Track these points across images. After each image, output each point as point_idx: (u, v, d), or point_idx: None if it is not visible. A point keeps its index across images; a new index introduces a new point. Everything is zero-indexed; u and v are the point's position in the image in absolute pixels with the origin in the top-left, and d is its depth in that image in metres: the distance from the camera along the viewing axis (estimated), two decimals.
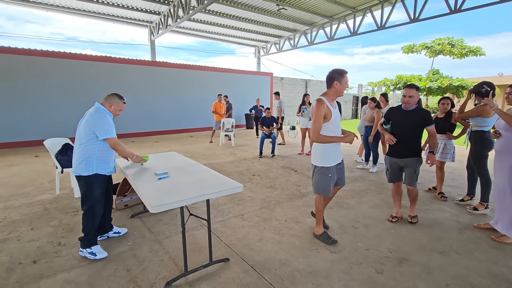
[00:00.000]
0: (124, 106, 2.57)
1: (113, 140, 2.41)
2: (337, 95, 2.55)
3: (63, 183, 4.26)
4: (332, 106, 2.50)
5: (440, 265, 2.27)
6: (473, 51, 17.52)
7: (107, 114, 2.41)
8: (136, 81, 9.99)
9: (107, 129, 2.35)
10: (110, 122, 2.39)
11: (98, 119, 2.34)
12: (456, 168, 5.32)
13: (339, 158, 2.61)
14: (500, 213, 2.67)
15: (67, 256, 2.35)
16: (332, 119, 2.46)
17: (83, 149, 2.35)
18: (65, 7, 9.16)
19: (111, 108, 2.47)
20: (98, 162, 2.37)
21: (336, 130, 2.52)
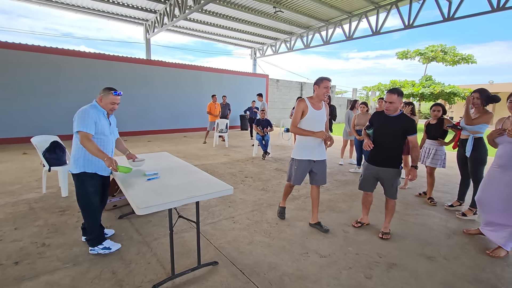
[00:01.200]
0: (116, 98, 2.37)
1: (81, 134, 2.16)
2: (318, 98, 2.82)
3: (50, 182, 4.16)
4: (314, 107, 2.80)
5: (428, 271, 2.28)
6: (465, 59, 17.86)
7: (93, 108, 2.29)
8: (131, 79, 9.88)
9: (81, 122, 2.18)
10: (88, 115, 2.20)
11: (80, 112, 2.24)
12: (447, 174, 5.38)
13: (314, 156, 2.85)
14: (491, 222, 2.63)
15: (51, 258, 2.28)
16: (308, 116, 2.79)
17: (73, 146, 2.32)
18: (59, 2, 9.02)
19: (102, 102, 2.34)
20: (85, 160, 2.29)
21: (312, 127, 2.80)
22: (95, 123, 2.25)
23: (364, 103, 5.31)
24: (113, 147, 2.54)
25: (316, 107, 2.81)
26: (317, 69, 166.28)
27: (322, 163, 2.91)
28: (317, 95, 2.80)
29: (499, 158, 2.57)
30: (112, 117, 2.53)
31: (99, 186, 2.41)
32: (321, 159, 2.88)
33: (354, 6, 9.28)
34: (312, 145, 2.83)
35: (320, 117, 2.83)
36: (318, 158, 2.87)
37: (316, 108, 2.81)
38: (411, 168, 2.67)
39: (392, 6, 8.70)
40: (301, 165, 2.87)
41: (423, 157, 3.94)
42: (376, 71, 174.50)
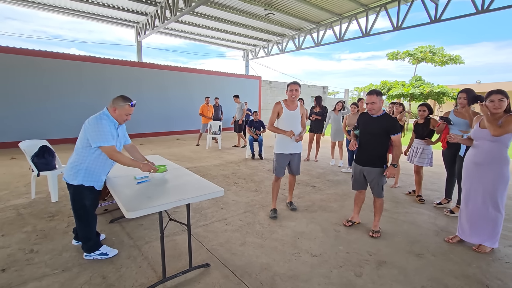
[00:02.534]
0: (132, 110, 2.30)
1: (108, 149, 2.15)
2: (290, 99, 3.21)
3: (40, 187, 4.10)
4: (289, 108, 3.23)
5: (417, 267, 2.32)
6: (453, 59, 18.26)
7: (106, 119, 2.21)
8: (122, 82, 9.79)
9: (101, 136, 2.12)
10: (106, 128, 2.16)
11: (94, 124, 2.15)
12: (435, 172, 5.49)
13: (291, 150, 3.29)
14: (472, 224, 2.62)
15: (39, 264, 2.25)
16: (283, 116, 3.23)
17: (75, 156, 2.24)
18: (47, 5, 8.91)
19: (115, 113, 2.25)
20: (86, 173, 2.22)
21: (287, 125, 3.22)
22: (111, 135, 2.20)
23: (354, 104, 5.39)
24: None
25: (290, 108, 3.24)
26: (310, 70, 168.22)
27: (298, 156, 3.37)
28: (288, 96, 3.22)
29: (474, 156, 2.59)
30: (122, 128, 2.43)
31: (95, 198, 2.38)
32: (296, 152, 3.33)
33: (344, 8, 9.41)
34: (289, 140, 3.25)
35: (295, 116, 3.25)
36: (294, 152, 3.31)
37: (291, 109, 3.24)
38: (390, 166, 2.70)
39: (381, 8, 8.85)
40: (281, 158, 3.31)
41: (411, 156, 4.02)
42: (368, 72, 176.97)
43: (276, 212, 3.34)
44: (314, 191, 4.34)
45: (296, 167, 3.40)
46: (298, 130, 3.28)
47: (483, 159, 2.52)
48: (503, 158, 2.45)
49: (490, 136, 2.43)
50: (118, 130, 2.36)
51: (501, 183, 2.46)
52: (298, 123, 3.29)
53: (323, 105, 6.46)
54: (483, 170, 2.53)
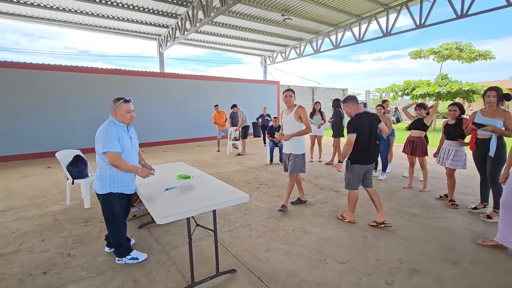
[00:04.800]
0: (129, 106, 2.30)
1: (111, 155, 2.15)
2: (286, 105, 3.66)
3: (73, 194, 4.34)
4: (285, 112, 3.72)
5: (453, 276, 2.19)
6: (482, 55, 17.24)
7: (113, 125, 2.25)
8: (145, 92, 10.21)
9: (105, 142, 2.15)
10: (111, 134, 2.18)
11: (100, 131, 2.22)
12: (468, 175, 5.18)
13: (285, 150, 3.73)
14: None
15: (76, 267, 2.38)
16: (282, 121, 3.81)
17: (98, 166, 2.33)
18: (77, 23, 9.55)
19: (118, 116, 2.29)
20: (111, 180, 2.28)
21: (285, 128, 3.72)
22: (118, 140, 2.23)
23: (380, 105, 5.24)
24: (137, 161, 2.51)
25: (287, 112, 3.69)
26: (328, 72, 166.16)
27: (291, 156, 3.62)
28: (284, 103, 3.65)
29: None
30: (132, 130, 2.50)
31: (125, 205, 2.44)
32: (288, 152, 3.66)
33: (363, 9, 9.24)
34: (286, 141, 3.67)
35: (290, 119, 3.63)
36: (287, 152, 3.69)
37: (287, 113, 3.68)
38: (338, 163, 3.26)
39: (402, 6, 8.60)
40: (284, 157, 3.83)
41: (442, 158, 3.83)
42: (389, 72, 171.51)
43: (285, 207, 3.60)
44: (338, 196, 4.25)
45: (291, 166, 3.63)
46: (294, 131, 3.57)
47: None
48: None
49: None
50: (130, 132, 2.41)
51: None
52: (294, 125, 3.58)
53: (338, 108, 6.34)
54: None
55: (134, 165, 2.37)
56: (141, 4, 8.44)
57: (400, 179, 5.18)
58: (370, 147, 3.08)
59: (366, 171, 3.16)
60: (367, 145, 3.07)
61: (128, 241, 2.59)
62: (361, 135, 3.03)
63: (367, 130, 3.04)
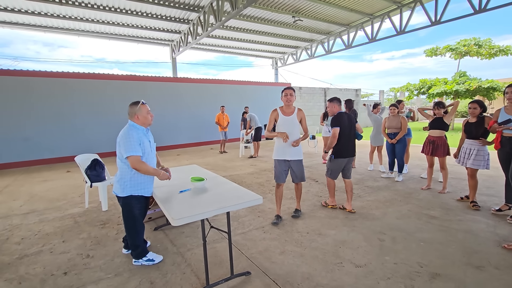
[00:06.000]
0: (146, 108, 2.40)
1: (133, 159, 2.21)
2: (285, 104, 3.26)
3: (91, 197, 4.47)
4: (284, 114, 3.27)
5: (478, 281, 2.09)
6: (503, 51, 16.53)
7: (133, 129, 2.31)
8: (159, 97, 10.43)
9: (127, 146, 2.21)
10: (133, 138, 2.24)
11: (122, 136, 2.27)
12: (491, 176, 4.96)
13: (287, 156, 3.26)
14: None
15: (95, 268, 2.44)
16: (279, 122, 3.29)
17: (119, 169, 2.39)
18: (94, 32, 9.91)
19: (140, 119, 2.35)
20: (132, 183, 2.34)
21: (284, 130, 3.22)
22: (140, 144, 2.28)
23: (394, 105, 5.12)
24: (155, 163, 2.58)
25: (286, 114, 3.27)
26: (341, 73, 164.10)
27: (297, 163, 3.31)
28: (283, 102, 3.26)
29: None
30: (150, 134, 2.55)
31: (143, 207, 2.51)
32: (294, 159, 3.28)
33: (376, 8, 9.10)
34: (286, 146, 3.23)
35: (290, 122, 3.26)
36: (291, 158, 3.26)
37: (287, 114, 3.27)
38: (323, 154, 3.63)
39: (416, 3, 8.40)
40: (278, 165, 3.32)
41: (463, 158, 3.69)
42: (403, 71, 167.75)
43: (279, 218, 3.33)
44: (353, 198, 4.16)
45: (296, 174, 3.33)
46: (296, 136, 3.27)
47: None
48: None
49: None
50: (148, 136, 2.47)
51: None
52: (296, 129, 3.28)
53: (353, 108, 6.23)
54: None
55: (155, 169, 2.43)
56: (154, 11, 8.66)
57: (418, 180, 5.02)
58: (349, 143, 3.53)
59: (347, 163, 3.57)
60: (347, 141, 3.50)
61: (145, 243, 2.64)
62: (343, 130, 3.45)
63: (347, 126, 3.48)
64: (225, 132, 9.21)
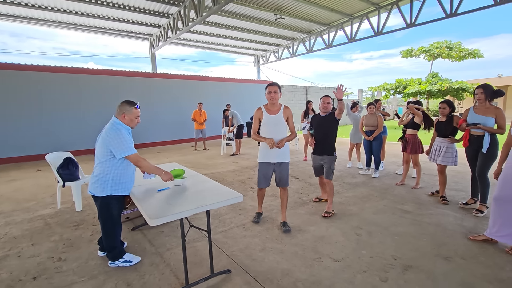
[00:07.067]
0: (139, 112, 2.36)
1: (134, 157, 2.24)
2: (269, 102, 3.01)
3: (64, 197, 4.26)
4: (269, 112, 3.02)
5: (446, 272, 2.22)
6: (471, 54, 17.60)
7: (122, 128, 2.26)
8: (137, 92, 10.09)
9: (124, 146, 2.18)
10: (126, 138, 2.22)
11: (113, 136, 2.19)
12: (459, 171, 5.27)
13: (272, 159, 3.03)
14: (506, 224, 2.48)
15: (67, 272, 2.33)
16: (263, 122, 3.03)
17: (99, 168, 2.28)
18: (67, 23, 9.38)
19: (126, 119, 2.30)
20: (113, 182, 2.27)
21: (269, 130, 3.01)
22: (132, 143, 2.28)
23: (372, 104, 5.29)
24: None
25: (271, 112, 3.02)
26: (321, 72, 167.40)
27: (283, 165, 3.06)
28: (267, 100, 3.02)
29: None
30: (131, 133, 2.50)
31: (121, 208, 2.45)
32: (280, 161, 3.03)
33: (355, 8, 9.32)
34: (268, 149, 3.00)
35: (276, 121, 3.00)
36: (276, 161, 3.02)
37: (272, 113, 3.01)
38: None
39: (393, 6, 8.70)
40: (262, 168, 3.09)
41: (434, 155, 3.88)
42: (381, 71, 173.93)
43: (259, 216, 3.30)
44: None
45: (281, 177, 3.08)
46: (282, 135, 3.02)
47: None
48: None
49: None
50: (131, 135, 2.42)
51: None
52: (282, 128, 3.04)
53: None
54: None
55: (159, 167, 2.38)
56: (132, 4, 8.34)
57: (393, 177, 5.23)
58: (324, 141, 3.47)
59: (325, 163, 3.45)
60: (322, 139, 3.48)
61: (122, 244, 2.56)
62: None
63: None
64: (202, 129, 9.05)
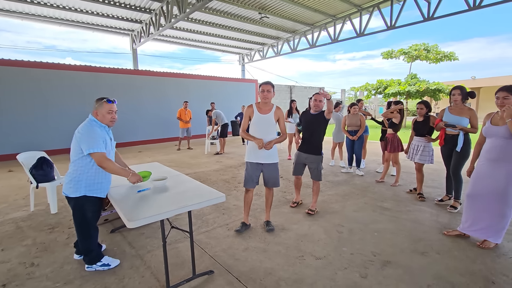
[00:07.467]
0: (112, 106, 2.22)
1: (98, 156, 2.08)
2: (262, 101, 2.92)
3: (39, 199, 4.06)
4: (261, 111, 2.92)
5: (422, 266, 2.31)
6: (447, 56, 18.37)
7: (95, 125, 2.17)
8: (119, 90, 9.76)
9: (90, 142, 2.07)
10: (96, 134, 2.11)
11: (84, 131, 2.12)
12: (435, 169, 5.50)
13: (261, 159, 2.93)
14: (478, 219, 2.62)
15: (40, 278, 2.21)
16: (253, 121, 2.94)
17: (72, 167, 2.18)
18: (41, 16, 8.91)
19: (99, 116, 2.20)
20: (87, 182, 2.17)
21: (259, 129, 2.91)
22: (103, 142, 2.15)
23: (354, 104, 5.41)
24: None
25: (263, 111, 2.92)
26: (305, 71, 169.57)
27: (271, 166, 2.98)
28: (260, 99, 2.93)
29: (488, 153, 2.56)
30: (110, 132, 2.41)
31: (97, 210, 2.35)
32: (268, 162, 2.94)
33: (338, 10, 9.47)
34: (255, 149, 2.89)
35: (267, 120, 2.91)
36: (265, 161, 2.93)
37: (263, 112, 2.92)
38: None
39: (374, 8, 8.91)
40: (249, 167, 2.98)
41: (412, 154, 4.02)
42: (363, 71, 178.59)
43: (243, 227, 2.99)
44: None
45: (269, 178, 2.99)
46: (272, 136, 2.92)
47: (497, 156, 2.48)
48: None
49: (503, 133, 2.41)
50: (110, 133, 2.35)
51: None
52: (272, 129, 2.94)
53: None
54: (496, 167, 2.49)
55: (125, 169, 2.27)
56: None
57: (374, 175, 5.38)
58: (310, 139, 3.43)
59: (310, 162, 3.41)
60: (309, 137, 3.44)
61: (99, 247, 2.47)
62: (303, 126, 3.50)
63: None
64: (187, 128, 8.94)
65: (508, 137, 2.39)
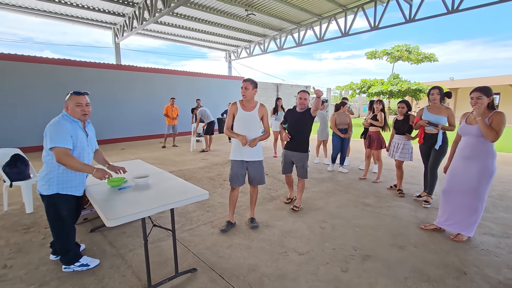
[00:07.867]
0: (80, 98, 2.12)
1: (57, 151, 1.95)
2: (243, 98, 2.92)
3: (13, 198, 3.88)
4: (244, 109, 2.92)
5: (400, 259, 2.39)
6: (427, 57, 19.02)
7: (66, 119, 2.08)
8: (100, 85, 9.46)
9: (53, 136, 1.96)
10: (62, 129, 2.01)
11: (51, 125, 2.02)
12: (414, 166, 5.69)
13: (245, 157, 2.92)
14: (452, 214, 2.75)
15: (14, 280, 2.12)
16: (237, 118, 2.93)
17: (45, 164, 2.10)
18: (16, 6, 8.46)
19: (69, 110, 2.11)
20: (59, 179, 2.08)
21: (243, 127, 2.91)
22: (71, 137, 2.04)
23: (343, 103, 5.50)
24: (91, 160, 2.32)
25: (246, 109, 2.92)
26: (292, 70, 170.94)
27: (256, 164, 2.97)
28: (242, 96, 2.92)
29: (462, 150, 2.69)
30: (91, 127, 2.34)
31: (73, 208, 2.24)
32: (253, 160, 2.94)
33: (324, 9, 9.57)
34: (240, 146, 2.90)
35: (251, 118, 2.91)
36: (250, 159, 2.93)
37: (247, 110, 2.92)
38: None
39: (359, 8, 9.08)
40: (234, 166, 2.96)
41: (392, 152, 4.15)
42: (348, 71, 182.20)
43: (228, 226, 2.97)
44: None
45: (254, 176, 2.98)
46: (256, 133, 2.92)
47: (470, 153, 2.60)
48: (489, 151, 2.54)
49: (476, 131, 2.53)
50: (88, 130, 2.28)
51: (485, 175, 2.55)
52: (256, 126, 2.94)
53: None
54: (469, 164, 2.61)
55: (88, 164, 2.13)
56: None
57: (357, 172, 5.51)
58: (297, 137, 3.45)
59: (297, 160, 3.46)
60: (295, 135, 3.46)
61: (77, 247, 2.39)
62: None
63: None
64: (174, 125, 8.82)
65: (480, 135, 2.51)
